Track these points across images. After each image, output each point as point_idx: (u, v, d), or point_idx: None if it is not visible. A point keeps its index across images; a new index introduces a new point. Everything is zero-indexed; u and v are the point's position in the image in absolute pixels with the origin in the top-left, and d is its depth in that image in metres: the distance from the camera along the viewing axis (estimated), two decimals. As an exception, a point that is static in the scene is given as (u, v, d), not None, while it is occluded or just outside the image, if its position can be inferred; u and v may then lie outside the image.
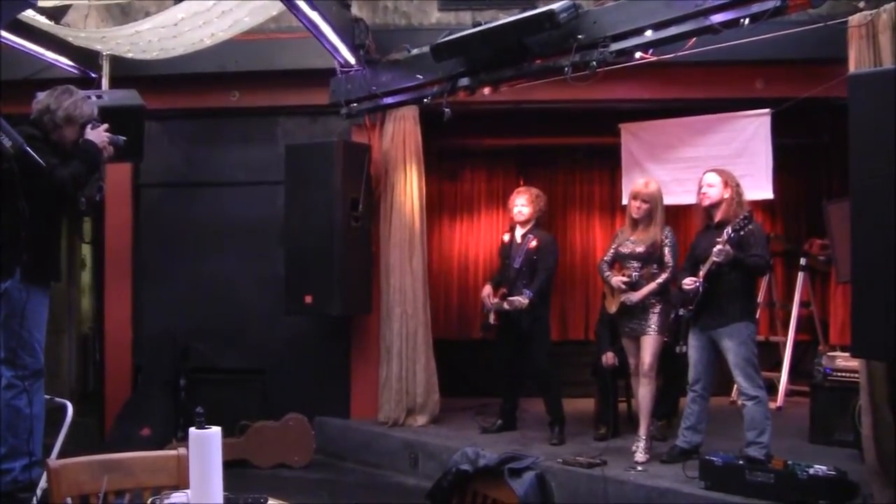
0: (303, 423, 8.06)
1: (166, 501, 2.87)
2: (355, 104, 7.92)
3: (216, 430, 2.75)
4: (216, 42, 7.56)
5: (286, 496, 3.29)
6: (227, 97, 8.87)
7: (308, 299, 8.11)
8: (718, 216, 6.57)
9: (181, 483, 3.17)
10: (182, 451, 3.20)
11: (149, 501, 2.93)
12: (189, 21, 7.03)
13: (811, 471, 5.64)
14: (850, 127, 5.00)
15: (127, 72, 7.95)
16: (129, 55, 7.90)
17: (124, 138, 5.52)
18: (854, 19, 5.58)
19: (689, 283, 6.51)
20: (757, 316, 7.52)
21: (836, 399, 7.31)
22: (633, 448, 6.97)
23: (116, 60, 8.00)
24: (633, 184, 7.50)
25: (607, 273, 7.21)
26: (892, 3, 5.40)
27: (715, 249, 6.23)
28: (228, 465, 2.75)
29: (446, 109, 7.06)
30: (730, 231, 6.24)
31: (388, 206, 8.49)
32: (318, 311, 8.24)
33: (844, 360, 7.38)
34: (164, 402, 8.36)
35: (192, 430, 2.75)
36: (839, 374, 7.39)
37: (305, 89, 8.50)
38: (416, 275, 8.45)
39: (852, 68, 5.50)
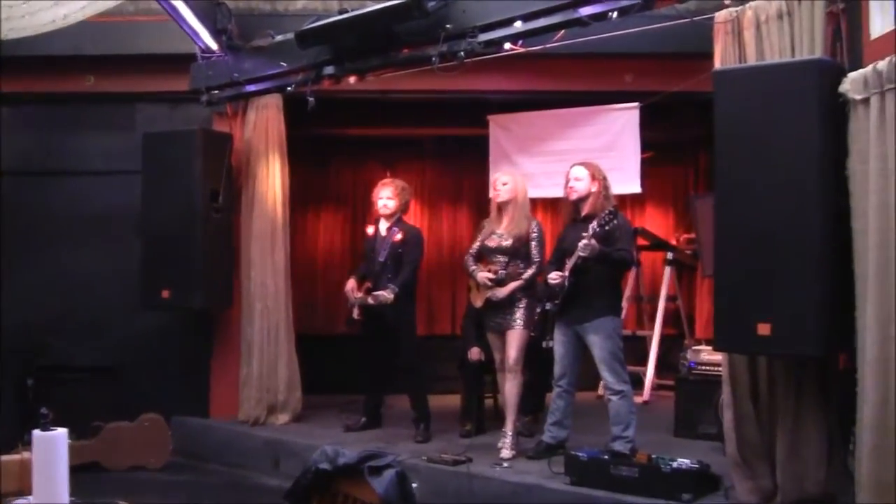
0: (159, 423, 7.87)
1: (7, 508, 2.81)
2: (216, 91, 7.86)
3: (62, 432, 2.69)
4: (70, 23, 7.31)
5: (141, 499, 3.25)
6: (83, 81, 8.64)
7: (166, 294, 7.97)
8: (585, 210, 6.62)
9: (24, 489, 3.09)
10: (27, 454, 3.11)
11: (-11, 509, 2.86)
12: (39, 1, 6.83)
13: (675, 464, 5.75)
14: (714, 123, 5.13)
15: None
16: (-25, 34, 7.64)
17: None
18: (720, 15, 5.69)
19: (554, 277, 6.59)
20: (623, 310, 7.66)
21: (701, 392, 7.46)
22: (499, 444, 6.98)
23: (-39, 41, 7.76)
24: (495, 173, 7.59)
25: (473, 267, 7.20)
26: (757, 1, 5.54)
27: (580, 244, 6.30)
28: (80, 469, 2.71)
29: (310, 98, 7.05)
30: (595, 225, 6.31)
31: (250, 198, 8.40)
32: (177, 305, 8.10)
33: (708, 354, 7.52)
34: (12, 402, 8.14)
35: (35, 432, 2.69)
36: (703, 367, 7.53)
37: (165, 75, 8.32)
38: (278, 268, 8.37)
39: (718, 64, 5.62)
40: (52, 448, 2.67)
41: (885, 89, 4.42)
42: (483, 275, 7.06)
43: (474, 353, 7.90)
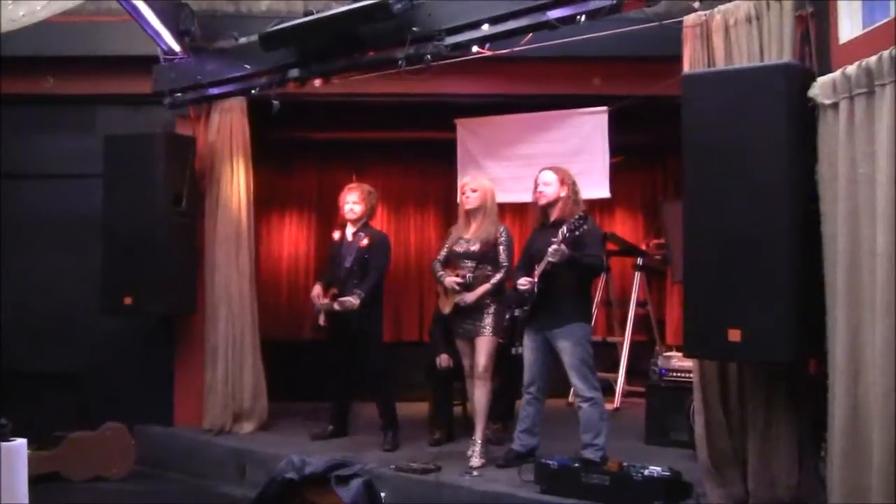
0: (122, 432, 7.79)
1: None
2: (179, 94, 7.76)
3: (20, 443, 2.66)
4: (29, 23, 7.19)
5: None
6: (42, 83, 8.55)
7: (128, 300, 7.87)
8: (554, 215, 6.63)
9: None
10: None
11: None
12: (-4, -1, 6.76)
13: (646, 472, 5.73)
14: (683, 127, 5.16)
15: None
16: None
17: None
18: (689, 19, 5.71)
19: (523, 283, 6.57)
20: (593, 316, 7.65)
21: (672, 399, 7.47)
22: (469, 452, 6.94)
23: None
24: (463, 179, 7.55)
25: (440, 272, 7.22)
26: (726, 5, 5.57)
27: (550, 249, 6.30)
28: (40, 480, 2.68)
29: (275, 102, 7.03)
30: (565, 230, 6.30)
31: (214, 201, 8.34)
32: (140, 311, 8.02)
33: (679, 360, 7.56)
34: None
35: (-8, 442, 2.66)
36: (674, 374, 7.56)
37: (127, 77, 8.20)
38: (243, 272, 8.31)
39: (686, 68, 5.64)
40: (9, 459, 2.64)
41: (854, 94, 4.45)
42: (451, 279, 7.07)
43: (443, 360, 7.87)
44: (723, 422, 5.61)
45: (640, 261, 9.96)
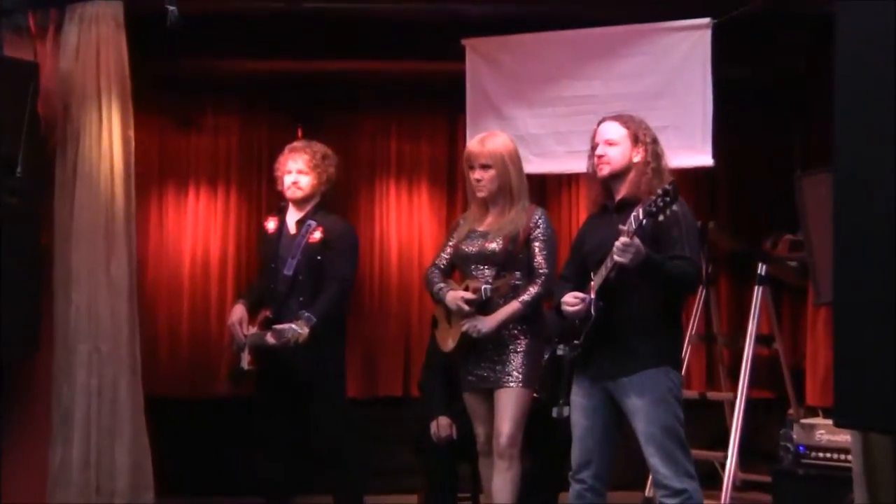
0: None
1: None
2: (11, -6, 7.85)
3: None
4: None
5: None
6: None
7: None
8: (623, 192, 6.41)
9: None
10: None
11: None
12: None
13: None
14: (836, 54, 4.95)
15: None
16: None
17: None
18: None
19: (572, 301, 6.30)
20: (685, 358, 7.55)
21: (816, 495, 7.50)
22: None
23: None
24: (469, 142, 7.49)
25: (440, 285, 7.10)
26: None
27: (616, 245, 5.96)
28: None
29: (171, 8, 7.09)
30: (640, 214, 5.96)
31: (70, 171, 8.24)
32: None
33: (829, 433, 7.63)
34: None
35: None
36: (820, 454, 7.69)
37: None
38: (118, 287, 8.23)
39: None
40: None
41: None
42: (457, 295, 6.91)
43: (441, 427, 7.84)
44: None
45: (762, 269, 9.66)
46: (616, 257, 5.99)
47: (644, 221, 5.93)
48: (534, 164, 7.38)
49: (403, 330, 11.04)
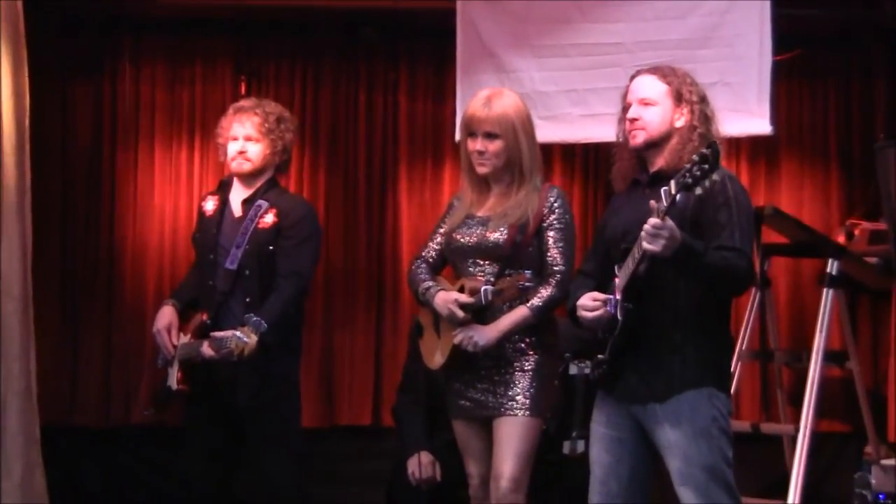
0: None
1: None
2: None
3: None
4: None
5: None
6: None
7: None
8: (660, 163, 5.96)
9: None
10: None
11: None
12: None
13: None
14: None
15: None
16: None
17: None
18: None
19: (591, 304, 5.88)
20: (734, 377, 7.38)
21: None
22: None
23: None
24: (470, 102, 7.09)
25: (427, 284, 6.77)
26: None
27: (646, 228, 5.50)
28: None
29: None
30: (672, 188, 5.46)
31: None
32: None
33: None
34: None
35: None
36: None
37: None
38: (7, 285, 8.23)
39: None
40: None
41: None
42: (450, 297, 6.58)
43: (424, 467, 7.73)
44: None
45: (833, 266, 9.45)
46: (645, 244, 5.53)
47: (678, 196, 5.49)
48: (542, 131, 6.93)
49: (373, 339, 11.05)
